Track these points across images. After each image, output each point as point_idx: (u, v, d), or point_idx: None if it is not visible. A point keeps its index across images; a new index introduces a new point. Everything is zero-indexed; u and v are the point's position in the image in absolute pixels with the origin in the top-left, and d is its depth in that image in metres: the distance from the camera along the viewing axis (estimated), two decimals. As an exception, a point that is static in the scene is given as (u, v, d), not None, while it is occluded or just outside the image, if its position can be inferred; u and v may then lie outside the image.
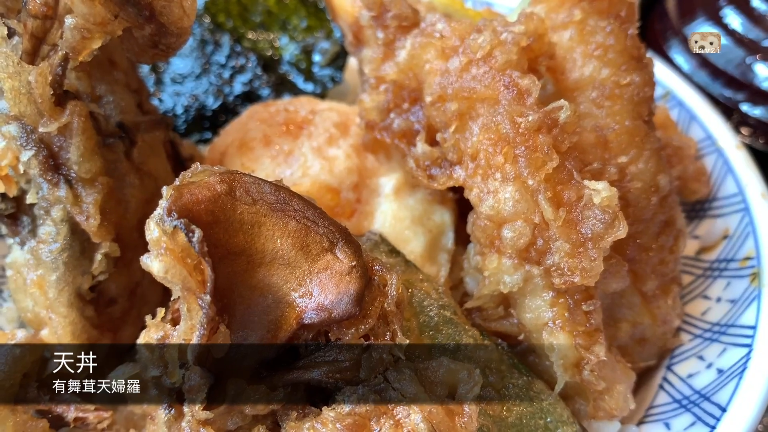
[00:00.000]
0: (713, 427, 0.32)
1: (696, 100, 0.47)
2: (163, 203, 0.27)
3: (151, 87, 0.52)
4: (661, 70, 0.50)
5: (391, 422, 0.28)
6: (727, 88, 0.53)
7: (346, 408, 0.28)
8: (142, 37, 0.30)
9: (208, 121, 0.46)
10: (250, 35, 0.47)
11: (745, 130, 0.53)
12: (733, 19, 0.54)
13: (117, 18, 0.29)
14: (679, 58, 0.56)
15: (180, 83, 0.47)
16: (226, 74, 0.46)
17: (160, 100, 0.51)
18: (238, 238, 0.28)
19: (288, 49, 0.47)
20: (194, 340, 0.27)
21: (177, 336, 0.29)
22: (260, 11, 0.49)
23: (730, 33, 0.54)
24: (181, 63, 0.48)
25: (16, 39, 0.34)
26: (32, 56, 0.32)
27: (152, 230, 0.27)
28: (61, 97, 0.32)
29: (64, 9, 0.31)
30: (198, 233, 0.26)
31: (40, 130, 0.31)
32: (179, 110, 0.47)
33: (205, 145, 0.49)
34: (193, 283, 0.27)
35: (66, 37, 0.30)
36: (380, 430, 0.28)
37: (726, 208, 0.43)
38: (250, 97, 0.46)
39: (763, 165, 0.49)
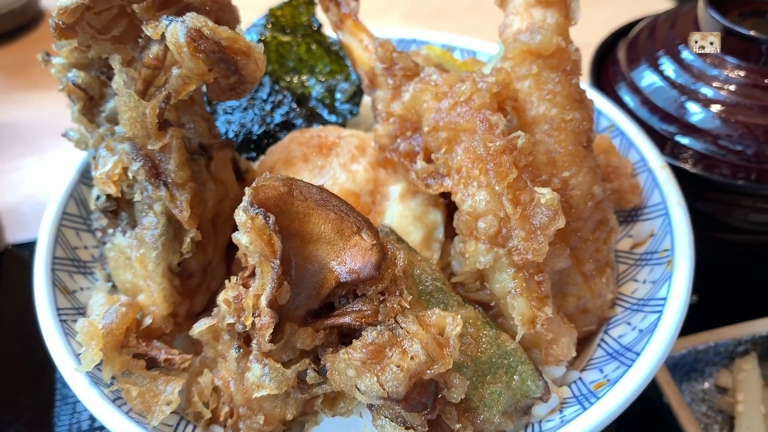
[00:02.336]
0: (630, 366, 0.44)
1: (633, 130, 0.59)
2: (246, 198, 0.39)
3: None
4: (608, 107, 0.61)
5: (400, 350, 0.39)
6: (663, 122, 0.63)
7: (369, 341, 0.40)
8: (225, 83, 0.42)
9: (254, 144, 0.57)
10: (286, 77, 0.59)
11: (677, 155, 0.64)
12: (668, 66, 0.65)
13: (211, 71, 0.41)
14: (626, 97, 0.67)
15: (230, 114, 0.58)
16: (268, 107, 0.57)
17: (215, 127, 0.63)
18: (295, 224, 0.40)
19: (315, 88, 0.59)
20: (267, 291, 0.39)
21: (252, 290, 0.40)
22: (293, 58, 0.60)
23: (666, 78, 0.65)
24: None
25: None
26: (143, 95, 0.44)
27: (240, 216, 0.39)
28: (162, 124, 0.44)
29: (171, 62, 0.42)
30: (272, 218, 0.38)
31: (148, 147, 0.43)
32: (230, 135, 0.59)
33: (252, 162, 0.60)
34: (268, 252, 0.38)
35: (171, 82, 0.42)
36: (392, 355, 0.39)
37: (652, 214, 0.55)
38: (287, 125, 0.57)
39: (688, 181, 0.61)
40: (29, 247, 0.79)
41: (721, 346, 0.66)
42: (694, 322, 0.64)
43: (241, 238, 0.38)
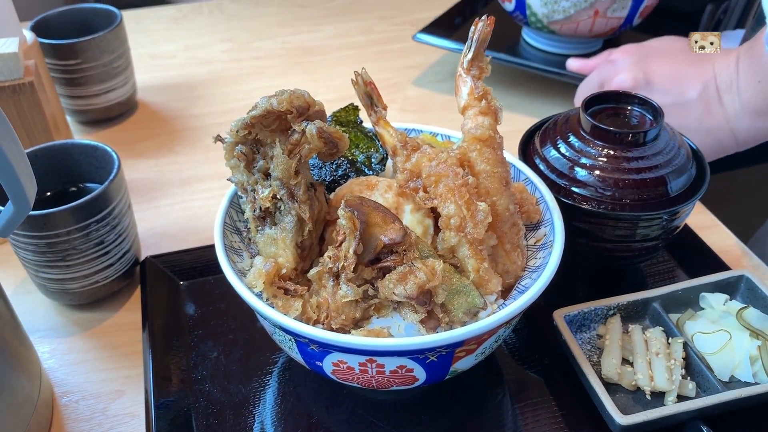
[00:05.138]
0: (523, 292, 0.86)
1: (538, 181, 0.97)
2: (342, 204, 0.80)
3: (297, 171, 1.07)
4: (526, 168, 1.01)
5: (414, 276, 0.79)
6: (560, 178, 0.96)
7: (399, 271, 0.81)
8: (328, 153, 0.86)
9: (327, 186, 0.99)
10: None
11: (568, 197, 1.07)
12: (562, 146, 1.00)
13: (324, 146, 0.84)
14: (539, 164, 1.04)
15: (313, 170, 1.01)
16: (333, 167, 0.99)
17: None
18: (364, 217, 0.82)
19: (359, 156, 1.01)
20: (352, 246, 0.80)
21: (343, 248, 0.81)
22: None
23: (561, 153, 1.04)
24: (312, 161, 1.03)
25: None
26: (288, 157, 0.87)
27: (341, 211, 0.80)
28: (296, 172, 0.87)
29: (303, 141, 0.85)
30: (356, 212, 0.80)
31: (290, 182, 0.86)
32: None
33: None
34: (353, 228, 0.80)
35: (303, 152, 0.85)
36: (410, 277, 0.79)
37: (546, 224, 0.94)
38: (345, 176, 0.93)
39: (575, 211, 1.04)
40: (157, 258, 1.20)
41: (599, 309, 0.99)
42: (584, 298, 1.07)
43: (341, 221, 0.79)
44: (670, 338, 0.98)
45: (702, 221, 1.12)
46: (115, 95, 1.54)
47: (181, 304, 1.12)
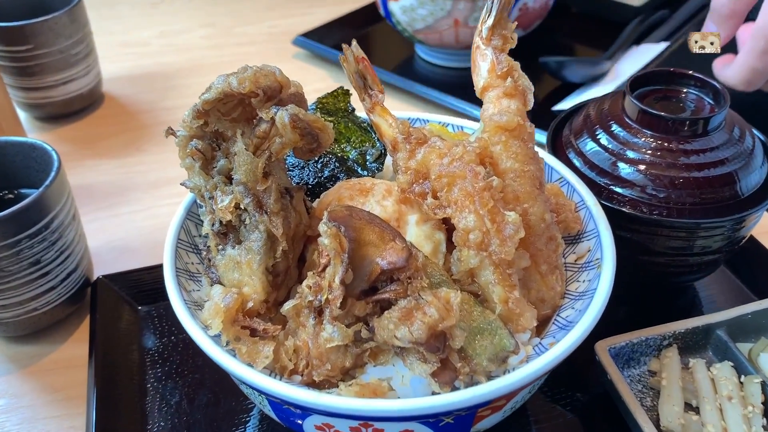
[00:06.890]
0: (568, 330, 0.65)
1: (576, 181, 0.80)
2: (325, 216, 0.61)
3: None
4: (560, 165, 0.83)
5: (422, 312, 0.60)
6: (600, 176, 0.83)
7: (402, 306, 0.61)
8: (307, 148, 0.65)
9: (309, 191, 0.79)
10: (331, 146, 0.83)
11: (611, 199, 0.87)
12: (602, 136, 0.86)
13: (301, 140, 0.64)
14: (574, 159, 0.88)
15: (292, 171, 0.81)
16: (319, 166, 0.79)
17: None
18: (354, 234, 0.62)
19: (351, 153, 0.81)
20: (339, 273, 0.60)
21: (327, 276, 0.62)
22: (335, 132, 0.84)
23: (601, 145, 0.86)
24: (292, 159, 0.83)
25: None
26: (254, 154, 0.67)
27: (323, 227, 0.60)
28: (265, 174, 0.66)
29: (274, 134, 0.65)
30: (343, 228, 0.60)
31: (257, 188, 0.66)
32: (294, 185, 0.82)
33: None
34: (339, 249, 0.60)
35: (273, 148, 0.65)
36: (417, 315, 0.60)
37: (589, 236, 0.76)
38: (332, 178, 0.76)
39: (620, 218, 0.83)
40: (112, 278, 1.00)
41: (650, 340, 0.83)
42: (629, 324, 0.87)
43: (323, 240, 0.60)
44: (743, 376, 0.79)
45: (765, 227, 0.92)
46: (76, 86, 1.35)
47: (138, 334, 0.93)
